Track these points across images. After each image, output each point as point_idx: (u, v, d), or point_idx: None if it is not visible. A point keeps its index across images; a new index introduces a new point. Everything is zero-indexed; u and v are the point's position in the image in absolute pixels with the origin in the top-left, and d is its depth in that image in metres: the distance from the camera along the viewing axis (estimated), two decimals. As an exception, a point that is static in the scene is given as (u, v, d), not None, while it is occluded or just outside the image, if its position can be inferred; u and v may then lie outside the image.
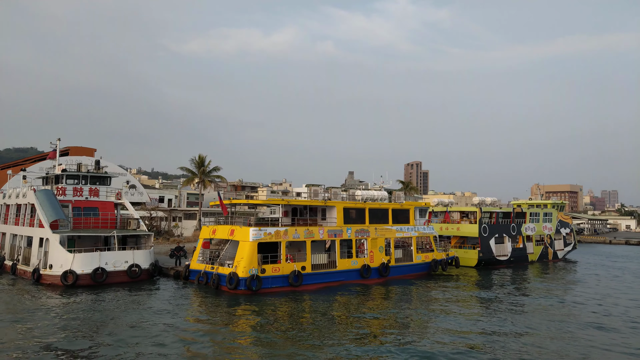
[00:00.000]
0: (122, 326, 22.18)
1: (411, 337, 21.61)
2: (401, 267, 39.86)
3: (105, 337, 20.35)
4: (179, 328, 22.00)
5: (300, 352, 18.71)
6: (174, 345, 19.33)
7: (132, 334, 20.89)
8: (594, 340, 21.52)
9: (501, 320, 25.38)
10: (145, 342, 19.53)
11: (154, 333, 20.96)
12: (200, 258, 34.47)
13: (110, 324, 22.53)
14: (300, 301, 29.09)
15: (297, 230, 33.80)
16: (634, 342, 21.57)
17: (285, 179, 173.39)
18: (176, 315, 24.66)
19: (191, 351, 18.73)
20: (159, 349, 18.79)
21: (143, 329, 21.76)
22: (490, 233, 50.64)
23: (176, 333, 21.17)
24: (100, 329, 21.54)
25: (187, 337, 20.68)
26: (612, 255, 70.04)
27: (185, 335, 20.95)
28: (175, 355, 18.06)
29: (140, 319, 23.54)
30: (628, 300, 32.44)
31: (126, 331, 21.26)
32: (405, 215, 41.62)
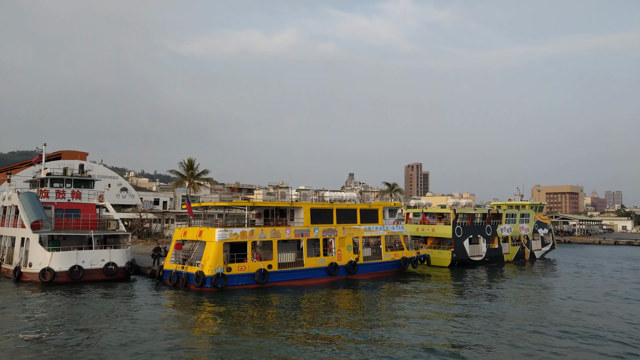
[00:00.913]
0: (87, 320, 23.93)
1: (369, 329, 23.13)
2: (370, 264, 41.48)
3: (70, 330, 22.12)
4: (142, 323, 23.61)
5: (253, 345, 20.28)
6: (134, 338, 20.83)
7: (99, 326, 22.65)
8: (526, 340, 22.66)
9: (454, 307, 26.99)
10: (109, 335, 21.03)
11: (118, 327, 22.56)
12: (173, 258, 36.20)
13: (76, 318, 24.31)
14: (264, 297, 30.73)
15: (264, 231, 35.53)
16: (560, 343, 22.95)
17: (282, 181, 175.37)
18: (139, 310, 26.43)
19: (148, 346, 20.31)
20: (120, 338, 20.42)
21: (108, 323, 23.41)
22: (465, 234, 52.10)
23: (137, 325, 22.90)
24: (66, 323, 23.29)
25: (147, 331, 22.23)
26: (596, 255, 71.13)
27: (145, 329, 22.48)
28: (130, 349, 19.76)
29: (108, 314, 25.26)
30: (576, 300, 33.81)
31: (91, 325, 22.94)
32: (374, 215, 43.22)
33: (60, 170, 46.04)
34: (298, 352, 18.94)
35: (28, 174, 65.86)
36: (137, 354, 18.50)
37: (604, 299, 32.92)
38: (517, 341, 21.18)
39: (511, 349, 20.06)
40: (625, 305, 30.81)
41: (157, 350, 19.01)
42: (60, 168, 48.94)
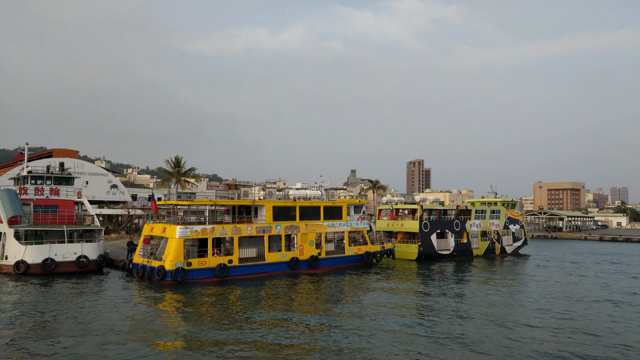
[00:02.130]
0: (48, 307, 26.25)
1: (321, 318, 25.20)
2: (332, 259, 43.57)
3: (31, 315, 24.46)
4: (101, 311, 25.83)
5: (198, 332, 22.46)
6: (88, 324, 23.07)
7: (57, 311, 24.97)
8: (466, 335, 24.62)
9: (404, 296, 29.06)
10: (68, 323, 23.26)
11: (76, 314, 24.80)
12: (141, 252, 38.48)
13: (38, 305, 26.65)
14: (220, 289, 32.86)
15: (225, 228, 37.70)
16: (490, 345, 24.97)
17: (279, 178, 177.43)
18: (98, 298, 28.73)
19: (100, 331, 22.51)
20: (77, 327, 22.66)
21: (70, 311, 25.65)
22: (432, 229, 54.03)
23: (90, 312, 25.19)
24: (29, 311, 25.63)
25: (105, 318, 24.39)
26: (572, 251, 72.57)
27: (104, 316, 24.71)
28: (83, 333, 22.03)
29: (71, 303, 27.50)
30: (522, 295, 35.72)
31: (53, 312, 25.21)
32: (338, 211, 45.25)
33: (44, 168, 48.54)
34: (232, 335, 21.10)
35: (17, 171, 68.85)
36: (84, 335, 20.72)
37: (548, 293, 34.64)
38: (451, 327, 23.22)
39: (441, 329, 22.11)
40: (559, 301, 32.65)
41: (101, 335, 21.23)
42: (43, 166, 51.57)
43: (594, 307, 29.19)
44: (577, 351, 19.74)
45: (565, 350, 19.76)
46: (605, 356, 19.25)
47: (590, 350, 19.92)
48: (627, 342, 21.33)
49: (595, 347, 20.40)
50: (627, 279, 42.66)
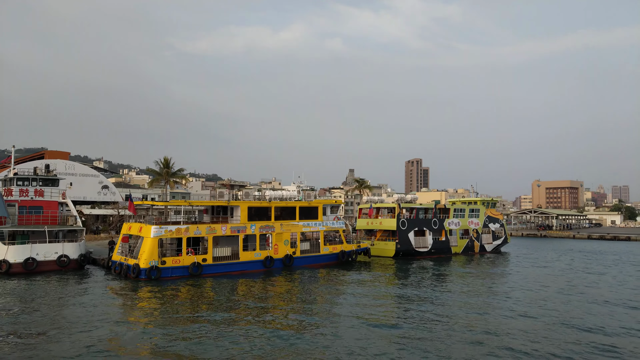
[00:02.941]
0: (30, 307, 27.72)
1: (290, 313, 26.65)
2: (307, 257, 44.95)
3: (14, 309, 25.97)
4: (76, 304, 27.35)
5: (164, 326, 23.92)
6: (54, 319, 24.64)
7: (36, 307, 26.46)
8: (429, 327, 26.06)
9: (375, 289, 30.46)
10: (35, 316, 24.82)
11: (43, 309, 26.34)
12: (120, 251, 39.98)
13: (17, 300, 28.15)
14: (193, 287, 34.24)
15: (199, 228, 39.13)
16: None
17: (274, 178, 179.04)
18: (71, 294, 30.20)
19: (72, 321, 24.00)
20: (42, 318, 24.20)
21: (47, 307, 27.16)
22: (410, 227, 55.36)
23: (58, 307, 26.67)
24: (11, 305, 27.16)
25: (78, 310, 25.96)
26: (556, 249, 73.71)
27: (76, 309, 26.25)
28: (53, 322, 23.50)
29: (49, 299, 28.98)
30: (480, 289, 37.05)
31: (32, 309, 26.68)
32: (314, 212, 46.63)
33: (31, 170, 50.05)
34: (197, 330, 22.54)
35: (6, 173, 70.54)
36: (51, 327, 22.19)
37: (517, 289, 35.86)
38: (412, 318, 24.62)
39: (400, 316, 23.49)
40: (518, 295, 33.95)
41: (72, 325, 22.68)
42: (31, 168, 53.10)
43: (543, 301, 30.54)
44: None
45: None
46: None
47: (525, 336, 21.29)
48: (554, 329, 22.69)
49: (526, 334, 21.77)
50: (581, 273, 43.90)
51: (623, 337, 22.11)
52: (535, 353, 19.39)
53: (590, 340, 21.47)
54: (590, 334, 22.54)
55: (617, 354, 19.50)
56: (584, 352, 19.73)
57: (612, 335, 22.35)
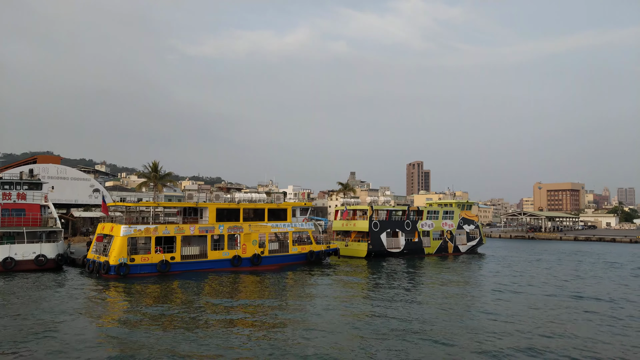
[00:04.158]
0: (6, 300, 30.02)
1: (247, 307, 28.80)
2: (275, 257, 46.97)
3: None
4: (37, 301, 29.57)
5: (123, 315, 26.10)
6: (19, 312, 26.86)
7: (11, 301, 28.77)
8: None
9: (333, 284, 32.49)
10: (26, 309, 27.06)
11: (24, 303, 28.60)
12: (94, 249, 42.24)
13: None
14: (159, 283, 36.39)
15: (167, 227, 41.32)
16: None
17: (271, 181, 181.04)
18: (42, 290, 32.46)
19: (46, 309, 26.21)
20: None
21: (20, 302, 29.41)
22: (382, 228, 57.26)
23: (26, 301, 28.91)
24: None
25: (46, 302, 28.21)
26: (535, 250, 75.22)
27: (44, 300, 28.50)
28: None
29: (22, 296, 31.23)
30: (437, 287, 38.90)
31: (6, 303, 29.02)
32: (283, 213, 48.66)
33: (17, 174, 52.54)
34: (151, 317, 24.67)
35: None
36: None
37: (479, 287, 37.72)
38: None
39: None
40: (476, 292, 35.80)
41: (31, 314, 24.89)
42: (16, 173, 55.62)
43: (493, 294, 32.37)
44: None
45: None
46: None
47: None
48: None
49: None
50: (535, 271, 45.57)
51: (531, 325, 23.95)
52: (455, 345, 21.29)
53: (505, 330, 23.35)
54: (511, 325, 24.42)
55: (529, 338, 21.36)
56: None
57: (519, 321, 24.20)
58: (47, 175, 75.61)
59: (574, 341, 21.15)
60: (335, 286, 36.59)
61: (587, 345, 20.46)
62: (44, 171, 76.19)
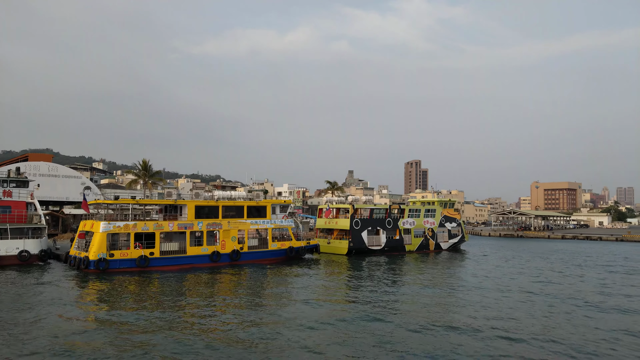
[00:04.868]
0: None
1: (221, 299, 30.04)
2: (255, 253, 48.19)
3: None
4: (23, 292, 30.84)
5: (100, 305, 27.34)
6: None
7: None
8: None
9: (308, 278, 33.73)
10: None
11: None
12: (77, 246, 43.47)
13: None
14: (137, 278, 37.60)
15: (146, 224, 42.54)
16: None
17: (267, 179, 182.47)
18: (21, 283, 33.71)
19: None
20: None
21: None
22: (363, 226, 58.44)
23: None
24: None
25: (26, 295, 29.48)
26: (517, 248, 76.28)
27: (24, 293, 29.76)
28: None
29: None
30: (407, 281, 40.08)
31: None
32: (262, 210, 49.86)
33: (5, 172, 53.80)
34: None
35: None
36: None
37: (447, 283, 38.98)
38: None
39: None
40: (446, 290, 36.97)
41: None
42: (5, 171, 56.89)
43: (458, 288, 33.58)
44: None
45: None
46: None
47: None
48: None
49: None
50: (506, 268, 46.74)
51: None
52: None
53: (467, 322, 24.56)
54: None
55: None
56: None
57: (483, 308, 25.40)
58: (38, 173, 77.00)
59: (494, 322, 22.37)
60: (309, 280, 37.79)
61: (503, 326, 21.63)
62: (35, 169, 77.54)
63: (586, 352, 19.22)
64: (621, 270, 47.37)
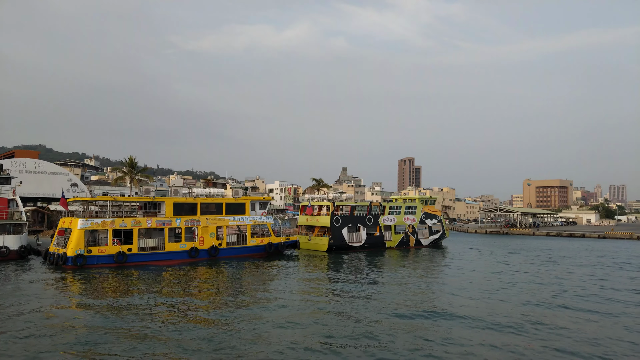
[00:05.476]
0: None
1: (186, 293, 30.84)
2: (233, 249, 49.02)
3: None
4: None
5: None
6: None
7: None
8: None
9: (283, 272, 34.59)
10: None
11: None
12: (56, 242, 44.14)
13: None
14: (114, 273, 38.29)
15: (124, 221, 43.26)
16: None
17: (258, 176, 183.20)
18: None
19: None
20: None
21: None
22: (343, 223, 59.34)
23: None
24: None
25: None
26: (498, 245, 77.54)
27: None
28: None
29: None
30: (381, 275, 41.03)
31: None
32: (241, 207, 50.66)
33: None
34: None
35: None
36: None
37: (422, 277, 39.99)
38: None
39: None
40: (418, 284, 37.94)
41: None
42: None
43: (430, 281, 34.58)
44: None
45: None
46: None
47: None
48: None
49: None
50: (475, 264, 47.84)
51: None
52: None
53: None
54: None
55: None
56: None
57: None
58: (24, 170, 77.47)
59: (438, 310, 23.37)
60: (286, 272, 38.71)
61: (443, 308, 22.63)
62: (21, 165, 77.97)
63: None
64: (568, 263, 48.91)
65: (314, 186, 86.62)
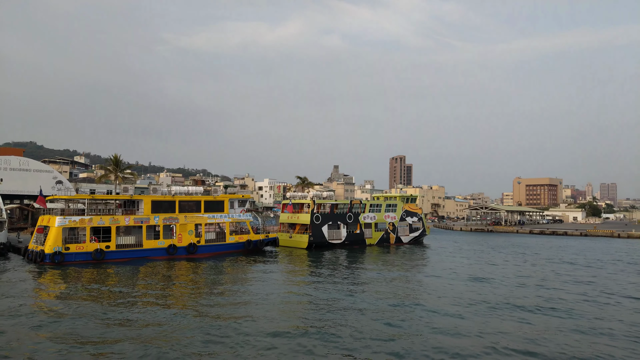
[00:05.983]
0: None
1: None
2: (212, 246, 49.79)
3: None
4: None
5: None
6: None
7: None
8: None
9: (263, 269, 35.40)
10: None
11: None
12: (35, 240, 44.69)
13: None
14: (92, 270, 38.99)
15: (102, 218, 43.92)
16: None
17: (247, 174, 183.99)
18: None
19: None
20: None
21: None
22: (324, 221, 60.24)
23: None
24: None
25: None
26: (478, 242, 78.84)
27: None
28: None
29: None
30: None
31: None
32: (220, 205, 51.43)
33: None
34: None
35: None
36: None
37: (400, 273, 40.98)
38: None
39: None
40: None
41: None
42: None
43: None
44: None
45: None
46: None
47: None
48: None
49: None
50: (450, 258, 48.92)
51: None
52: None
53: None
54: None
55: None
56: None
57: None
58: (8, 167, 77.85)
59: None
60: (264, 267, 39.58)
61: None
62: (6, 163, 78.28)
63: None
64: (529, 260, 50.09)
65: (299, 184, 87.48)
